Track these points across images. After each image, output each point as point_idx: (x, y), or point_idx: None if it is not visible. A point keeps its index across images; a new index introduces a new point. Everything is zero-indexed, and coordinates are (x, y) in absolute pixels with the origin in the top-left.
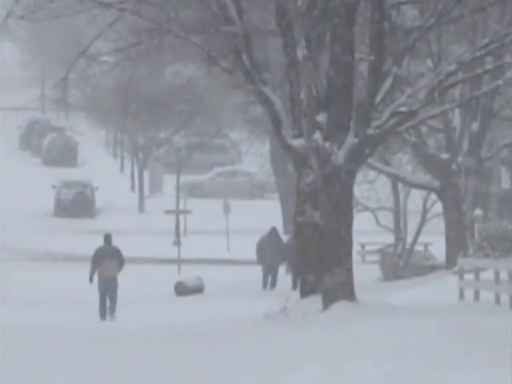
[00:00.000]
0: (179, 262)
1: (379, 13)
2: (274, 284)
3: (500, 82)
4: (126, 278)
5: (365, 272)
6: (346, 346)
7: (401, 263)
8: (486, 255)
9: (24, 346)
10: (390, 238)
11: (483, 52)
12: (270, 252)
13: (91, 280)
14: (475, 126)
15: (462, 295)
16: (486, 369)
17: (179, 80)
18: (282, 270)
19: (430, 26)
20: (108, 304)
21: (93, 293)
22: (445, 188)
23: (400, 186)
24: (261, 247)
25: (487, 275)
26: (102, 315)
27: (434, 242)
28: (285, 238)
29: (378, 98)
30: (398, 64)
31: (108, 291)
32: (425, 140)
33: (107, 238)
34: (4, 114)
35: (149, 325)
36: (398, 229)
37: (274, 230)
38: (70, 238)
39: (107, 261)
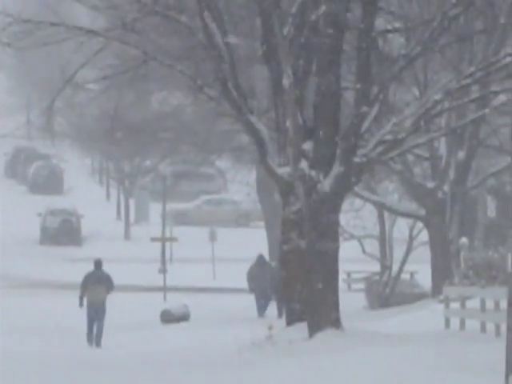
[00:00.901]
0: (165, 289)
1: (366, 41)
2: (264, 310)
3: (486, 110)
4: (111, 306)
5: (351, 300)
6: (332, 374)
7: (387, 291)
8: (472, 284)
9: (10, 373)
10: (375, 267)
11: (469, 81)
12: (259, 280)
13: (81, 304)
14: (461, 154)
15: (447, 323)
16: None
17: (165, 108)
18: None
19: (417, 55)
20: (95, 330)
21: (79, 320)
22: (431, 216)
23: (386, 214)
24: (251, 276)
25: (473, 304)
26: (89, 340)
27: (420, 271)
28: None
29: (364, 126)
30: (384, 92)
31: (96, 317)
32: (411, 168)
33: (97, 264)
34: None
35: (135, 352)
36: (384, 257)
37: (261, 258)
38: (56, 265)
39: (95, 286)
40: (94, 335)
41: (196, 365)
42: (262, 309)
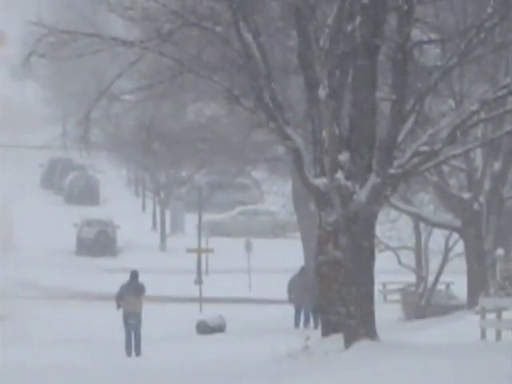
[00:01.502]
0: (201, 300)
1: (402, 52)
2: (306, 322)
3: None
4: (147, 317)
5: (386, 311)
6: None
7: (422, 303)
8: (508, 295)
9: None
10: (411, 278)
11: (505, 91)
12: (300, 291)
13: (119, 306)
14: (497, 165)
15: (483, 335)
16: None
17: (201, 119)
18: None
19: (453, 66)
20: (133, 340)
21: (115, 331)
22: (466, 227)
23: (422, 225)
24: (291, 287)
25: (509, 315)
26: (128, 350)
27: (456, 282)
28: None
29: (400, 137)
30: (420, 103)
31: (133, 327)
32: (447, 179)
33: (133, 275)
34: (26, 151)
35: (171, 362)
36: (420, 268)
37: (303, 270)
38: (92, 276)
39: (131, 297)
40: (133, 345)
41: (231, 375)
42: (299, 320)
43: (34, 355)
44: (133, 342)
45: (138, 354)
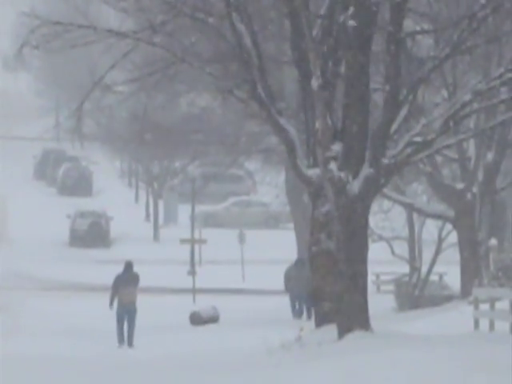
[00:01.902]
0: (194, 291)
1: (394, 42)
2: (300, 313)
3: None
4: (140, 308)
5: (380, 302)
6: (361, 376)
7: (416, 293)
8: (501, 285)
9: (39, 376)
10: (404, 268)
11: (498, 82)
12: (295, 282)
13: (111, 305)
14: (490, 155)
15: (477, 325)
16: None
17: (194, 109)
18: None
19: (445, 56)
20: (126, 331)
21: (109, 321)
22: (460, 218)
23: (415, 215)
24: (287, 277)
25: (502, 305)
26: (120, 341)
27: (449, 272)
28: None
29: (393, 127)
30: (413, 94)
31: (127, 317)
32: (440, 170)
33: (128, 265)
34: (19, 143)
35: (164, 353)
36: (413, 259)
37: (299, 260)
38: (85, 267)
39: (126, 287)
40: (126, 335)
41: (224, 366)
42: (296, 311)
43: (28, 346)
44: (126, 332)
45: (130, 344)
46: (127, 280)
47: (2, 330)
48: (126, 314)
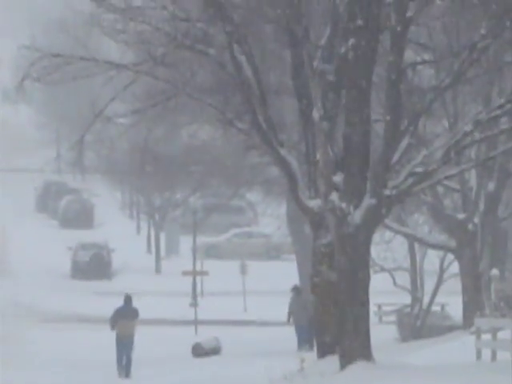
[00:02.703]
0: (196, 323)
1: (395, 73)
2: (304, 344)
3: None
4: (143, 339)
5: (382, 332)
6: None
7: (418, 324)
8: (503, 315)
9: None
10: (406, 299)
11: (499, 112)
12: (297, 311)
13: (113, 329)
14: (492, 185)
15: (479, 355)
16: None
17: (195, 141)
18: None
19: (446, 86)
20: (124, 362)
21: (108, 353)
22: (461, 248)
23: (417, 246)
24: (291, 309)
25: (504, 335)
26: (120, 372)
27: (451, 302)
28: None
29: (395, 158)
30: (414, 124)
31: (125, 350)
32: (441, 200)
33: (127, 299)
34: (20, 175)
35: None
36: (415, 289)
37: (295, 289)
38: (87, 299)
39: (125, 321)
40: (124, 366)
41: None
42: (301, 342)
43: (28, 376)
44: (124, 364)
45: (127, 375)
46: (126, 314)
47: (2, 360)
48: (124, 347)
